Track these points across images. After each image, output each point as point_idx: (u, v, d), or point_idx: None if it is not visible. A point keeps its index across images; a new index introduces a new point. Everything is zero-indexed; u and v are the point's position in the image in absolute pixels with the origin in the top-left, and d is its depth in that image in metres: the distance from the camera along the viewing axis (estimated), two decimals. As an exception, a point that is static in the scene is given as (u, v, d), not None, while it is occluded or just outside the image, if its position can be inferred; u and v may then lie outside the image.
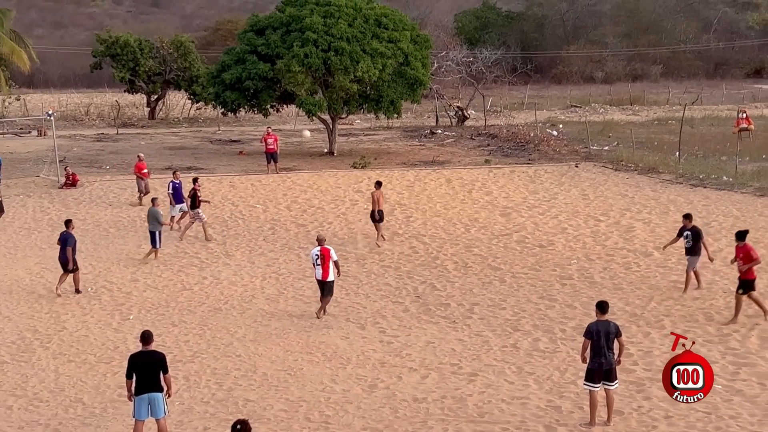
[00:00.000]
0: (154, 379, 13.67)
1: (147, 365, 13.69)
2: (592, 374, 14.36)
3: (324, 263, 20.29)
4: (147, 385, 13.66)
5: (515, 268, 24.19)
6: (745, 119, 49.59)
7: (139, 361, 13.75)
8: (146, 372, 13.67)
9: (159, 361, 13.74)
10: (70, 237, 22.67)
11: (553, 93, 79.78)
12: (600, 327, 14.32)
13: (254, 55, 43.21)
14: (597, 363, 14.28)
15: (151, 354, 13.83)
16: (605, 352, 14.27)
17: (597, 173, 38.96)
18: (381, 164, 41.83)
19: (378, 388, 16.32)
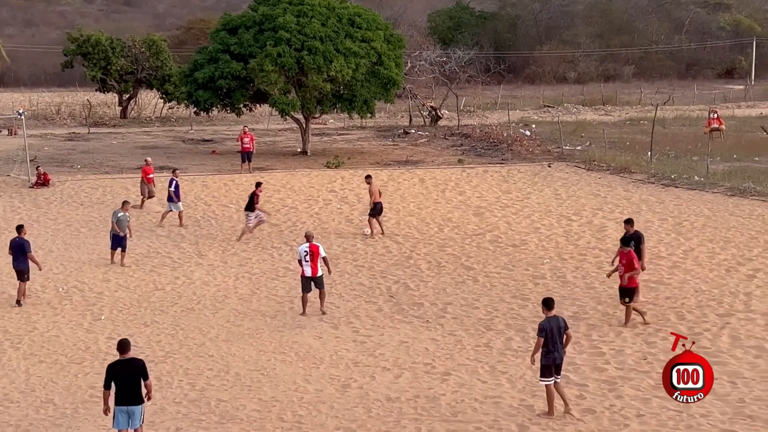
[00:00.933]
0: (135, 389, 13.17)
1: (128, 375, 13.16)
2: (548, 369, 14.77)
3: (313, 260, 20.48)
4: (128, 396, 13.15)
5: (488, 268, 24.24)
6: (716, 119, 49.98)
7: (119, 371, 13.20)
8: (127, 382, 13.14)
9: (139, 369, 13.23)
10: (27, 243, 21.67)
11: (526, 93, 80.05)
12: (552, 323, 14.77)
13: (227, 54, 43.04)
14: (551, 358, 14.72)
15: (130, 363, 13.29)
16: (558, 347, 14.76)
17: (570, 173, 39.11)
18: (354, 164, 41.80)
19: (351, 388, 16.30)
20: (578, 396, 15.70)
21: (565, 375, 16.63)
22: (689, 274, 22.96)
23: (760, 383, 15.96)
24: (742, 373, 16.46)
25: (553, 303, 15.09)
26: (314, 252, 20.53)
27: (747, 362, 17.00)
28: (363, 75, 43.58)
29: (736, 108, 68.35)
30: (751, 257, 24.26)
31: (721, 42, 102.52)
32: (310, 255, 20.49)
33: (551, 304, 15.02)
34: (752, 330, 18.70)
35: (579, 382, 16.32)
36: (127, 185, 36.45)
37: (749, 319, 19.33)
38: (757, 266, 23.33)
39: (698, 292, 21.38)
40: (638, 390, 15.86)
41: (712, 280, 22.32)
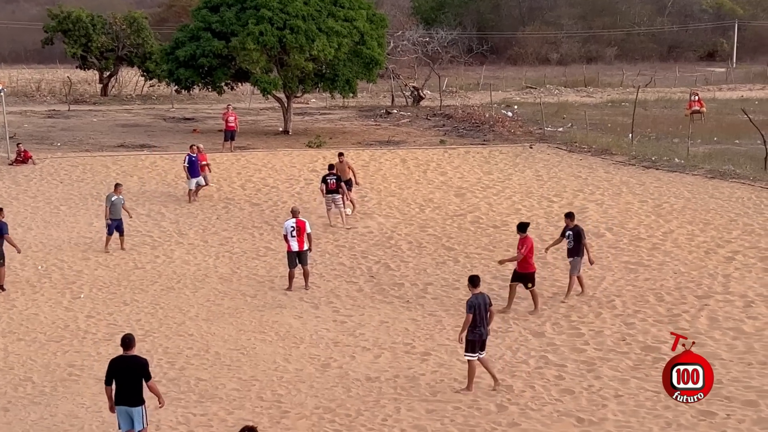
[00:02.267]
0: (134, 389, 12.51)
1: (127, 373, 12.51)
2: (473, 345, 15.07)
3: (300, 235, 20.77)
4: (126, 396, 12.55)
5: (469, 249, 24.27)
6: (697, 102, 50.12)
7: (118, 368, 12.56)
8: (126, 380, 12.51)
9: (140, 368, 12.53)
10: (5, 225, 21.02)
11: (509, 74, 79.99)
12: (479, 300, 15.05)
13: (208, 33, 42.79)
14: (477, 334, 15.04)
15: (131, 360, 12.60)
16: (484, 323, 15.09)
17: (551, 154, 39.17)
18: (336, 144, 41.70)
19: (331, 368, 16.33)
20: (557, 376, 15.78)
21: (544, 355, 16.74)
22: (669, 255, 23.07)
23: (737, 365, 16.07)
24: (720, 354, 16.57)
25: (479, 280, 15.44)
26: (301, 227, 20.82)
27: (725, 344, 17.11)
28: (345, 54, 43.45)
29: (717, 91, 68.54)
30: (730, 239, 24.38)
31: (703, 24, 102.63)
32: (297, 230, 20.76)
33: (477, 281, 15.31)
34: (730, 312, 18.82)
35: (558, 363, 16.40)
36: (107, 163, 36.28)
37: (727, 301, 19.46)
38: (736, 248, 23.46)
39: (677, 274, 21.49)
40: (616, 371, 15.95)
41: (691, 262, 22.43)
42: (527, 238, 19.14)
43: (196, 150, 30.27)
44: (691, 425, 13.71)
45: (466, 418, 14.18)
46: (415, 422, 14.05)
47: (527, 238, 19.13)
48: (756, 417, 13.88)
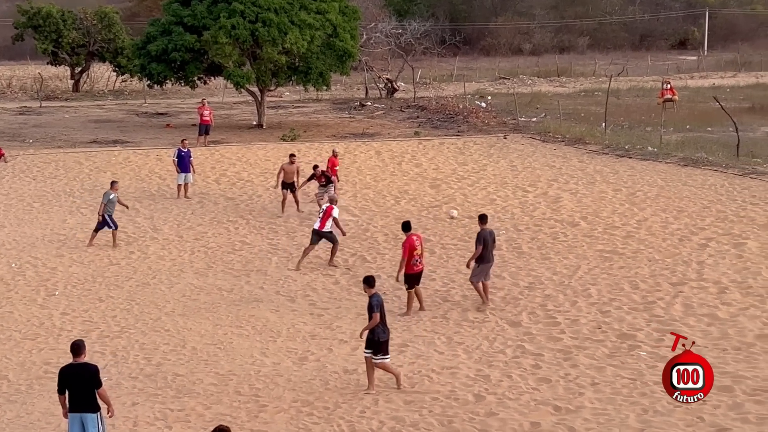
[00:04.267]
0: (86, 396, 12.18)
1: (78, 380, 12.18)
2: (387, 345, 14.90)
3: (324, 218, 22.08)
4: (78, 403, 12.21)
5: (445, 240, 24.31)
6: (669, 90, 50.41)
7: (69, 376, 12.26)
8: (78, 388, 12.17)
9: (91, 374, 12.19)
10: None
11: (482, 65, 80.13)
12: (380, 300, 14.85)
13: (180, 27, 42.60)
14: (387, 334, 14.89)
15: (81, 367, 12.25)
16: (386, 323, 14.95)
17: (525, 144, 39.27)
18: (311, 137, 41.66)
19: (308, 361, 16.32)
20: (534, 365, 15.84)
21: (521, 345, 16.79)
22: (643, 243, 23.19)
23: (712, 350, 16.17)
24: (695, 340, 16.66)
25: (374, 280, 15.13)
26: (328, 211, 22.19)
27: (699, 330, 17.22)
28: (318, 47, 43.38)
29: (689, 79, 68.94)
30: (703, 226, 24.54)
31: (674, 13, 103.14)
32: (324, 213, 22.22)
33: (373, 281, 15.03)
34: (704, 298, 18.94)
35: (534, 352, 16.46)
36: (80, 159, 36.05)
37: (702, 288, 19.58)
38: (710, 235, 23.62)
39: (652, 262, 21.61)
40: (593, 359, 16.03)
41: (665, 250, 22.55)
42: (408, 238, 18.78)
43: (187, 144, 30.19)
44: (668, 411, 13.79)
45: (444, 408, 14.20)
46: (393, 414, 14.06)
47: (407, 238, 18.79)
48: (731, 402, 13.99)
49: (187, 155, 29.73)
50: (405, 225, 19.26)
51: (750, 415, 13.42)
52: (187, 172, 29.75)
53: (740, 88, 61.01)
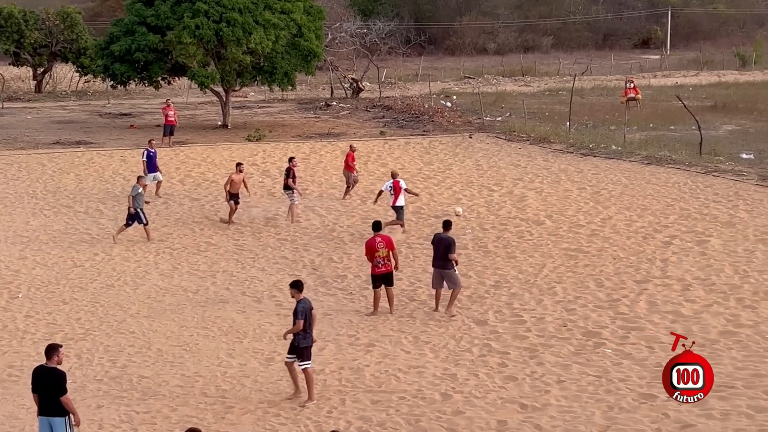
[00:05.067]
0: (52, 400, 12.13)
1: (46, 384, 12.18)
2: (309, 351, 14.71)
3: (396, 193, 24.47)
4: (47, 406, 12.18)
5: (411, 239, 24.33)
6: (632, 89, 50.77)
7: (39, 377, 12.27)
8: (45, 392, 12.17)
9: (55, 381, 12.11)
10: None
11: (447, 64, 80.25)
12: (307, 305, 14.72)
13: (143, 27, 42.32)
14: (311, 340, 14.69)
15: (51, 372, 12.21)
16: (312, 328, 14.77)
17: (490, 144, 39.40)
18: (276, 137, 41.54)
19: (275, 361, 16.27)
20: (500, 364, 15.90)
21: (487, 343, 16.84)
22: (607, 241, 23.34)
23: (676, 347, 16.31)
24: (660, 338, 16.81)
25: (302, 285, 15.00)
26: (396, 186, 24.48)
27: (664, 327, 17.36)
28: (283, 47, 43.27)
29: (652, 78, 69.45)
30: (667, 224, 24.75)
31: (637, 12, 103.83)
32: (394, 189, 24.43)
33: (301, 286, 14.91)
34: (669, 295, 19.10)
35: (501, 350, 16.52)
36: (43, 161, 35.72)
37: (666, 285, 19.74)
38: (673, 233, 23.82)
39: (616, 260, 21.76)
40: (558, 357, 16.11)
41: (629, 248, 22.72)
42: (370, 238, 18.87)
43: (155, 145, 30.03)
44: (633, 408, 13.90)
45: (411, 407, 14.22)
46: (360, 413, 14.06)
47: (369, 239, 18.89)
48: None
49: (154, 155, 29.55)
50: (374, 225, 19.28)
51: (714, 411, 13.54)
52: (156, 172, 29.61)
53: (702, 87, 61.57)
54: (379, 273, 18.66)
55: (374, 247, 18.62)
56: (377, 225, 19.22)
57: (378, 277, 18.69)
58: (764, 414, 13.57)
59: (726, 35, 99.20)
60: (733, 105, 50.57)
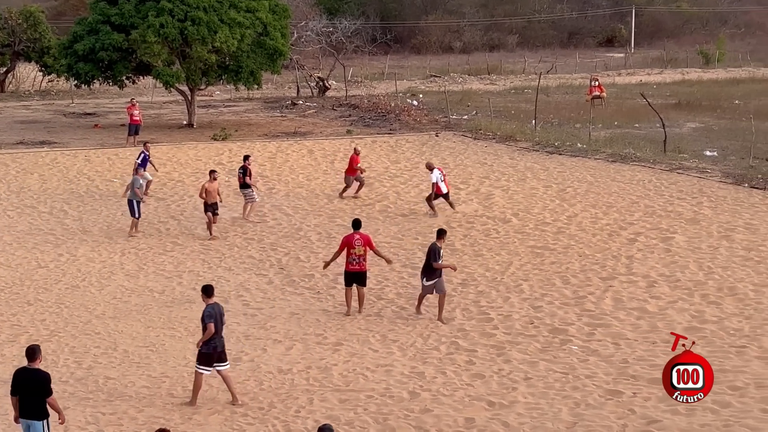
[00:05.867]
0: (35, 402, 12.10)
1: (28, 386, 12.13)
2: (209, 358, 14.38)
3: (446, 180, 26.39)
4: (27, 408, 12.13)
5: (378, 238, 24.29)
6: (597, 87, 51.03)
7: (21, 379, 12.18)
8: (27, 393, 12.12)
9: (40, 382, 12.09)
10: None
11: (413, 63, 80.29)
12: (216, 309, 14.50)
13: (107, 26, 41.98)
14: (212, 346, 14.37)
15: (33, 373, 12.16)
16: (221, 334, 14.51)
17: (457, 142, 39.49)
18: (242, 136, 41.38)
19: (242, 361, 16.22)
20: (468, 362, 15.94)
21: (455, 341, 16.89)
22: (573, 239, 23.47)
23: (642, 344, 16.46)
24: (625, 334, 16.95)
25: (212, 290, 14.78)
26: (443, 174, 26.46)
27: (629, 323, 17.50)
28: (248, 46, 43.11)
29: (616, 76, 69.89)
30: (632, 221, 24.93)
31: (601, 11, 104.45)
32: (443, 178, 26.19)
33: (211, 291, 14.69)
34: (634, 292, 19.25)
35: (468, 348, 16.57)
36: (6, 161, 35.35)
37: (631, 282, 19.89)
38: (638, 230, 24.00)
39: (582, 257, 21.89)
40: (526, 354, 16.18)
41: (595, 245, 22.87)
42: (348, 234, 18.87)
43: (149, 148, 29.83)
44: (599, 404, 14.00)
45: (379, 406, 14.23)
46: (328, 413, 14.05)
47: (347, 235, 18.88)
48: (661, 394, 14.18)
49: (148, 158, 29.27)
50: (353, 223, 19.26)
51: (680, 407, 13.64)
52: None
53: (666, 85, 62.06)
54: (352, 270, 18.65)
55: (351, 243, 18.64)
56: (357, 223, 19.20)
57: (351, 274, 18.67)
58: (729, 409, 13.72)
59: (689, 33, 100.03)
60: (696, 103, 51.02)
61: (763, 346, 16.06)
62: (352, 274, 18.70)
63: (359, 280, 18.76)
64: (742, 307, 18.18)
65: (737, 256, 21.45)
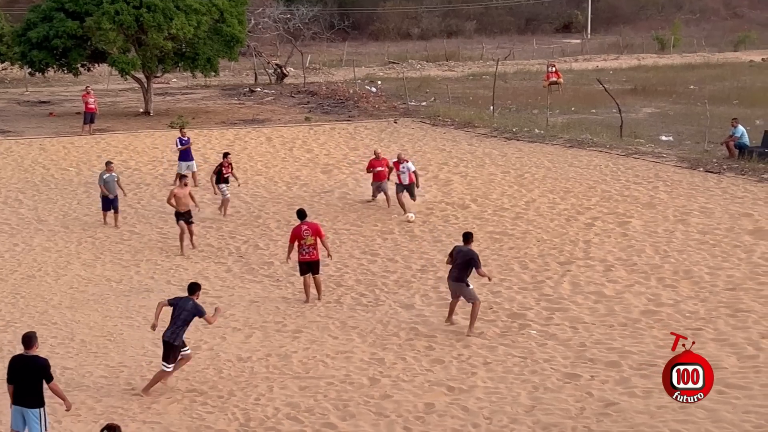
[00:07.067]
0: (31, 389, 12.02)
1: (24, 373, 12.04)
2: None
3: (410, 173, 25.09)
4: (22, 396, 12.07)
5: (337, 225, 24.31)
6: (554, 73, 51.34)
7: (17, 366, 12.13)
8: (23, 381, 12.05)
9: (39, 369, 12.04)
10: None
11: (371, 50, 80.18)
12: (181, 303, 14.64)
13: (62, 13, 41.53)
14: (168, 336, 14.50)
15: (30, 360, 12.12)
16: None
17: (415, 128, 39.51)
18: (200, 123, 41.11)
19: (201, 350, 16.15)
20: (427, 347, 15.99)
21: (414, 327, 16.92)
22: (531, 224, 23.60)
23: (599, 327, 16.60)
24: (583, 318, 17.08)
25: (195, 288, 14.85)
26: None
27: (587, 307, 17.64)
28: (205, 33, 42.85)
29: (573, 62, 70.24)
30: (589, 206, 25.10)
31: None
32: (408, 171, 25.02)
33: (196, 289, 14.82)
34: (591, 276, 19.40)
35: (428, 334, 16.60)
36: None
37: (588, 266, 20.04)
38: (595, 215, 24.17)
39: (540, 242, 22.02)
40: (485, 339, 16.25)
41: (553, 230, 23.01)
42: (296, 225, 18.83)
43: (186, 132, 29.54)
44: (557, 388, 14.10)
45: (339, 393, 14.24)
46: (288, 400, 14.03)
47: (295, 226, 18.84)
48: (618, 377, 14.37)
49: (187, 143, 28.96)
50: (298, 213, 19.21)
51: (636, 389, 13.80)
52: (190, 161, 29.05)
53: (623, 71, 62.47)
54: (304, 260, 18.63)
55: (300, 234, 18.57)
56: (302, 213, 19.15)
57: (304, 264, 18.65)
58: (685, 390, 13.86)
59: (645, 19, 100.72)
60: (652, 88, 51.42)
61: (719, 328, 16.26)
62: (305, 264, 18.67)
63: (313, 268, 18.72)
64: (698, 290, 18.38)
65: (693, 240, 21.67)
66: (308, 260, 18.63)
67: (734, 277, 18.95)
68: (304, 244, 18.54)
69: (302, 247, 18.56)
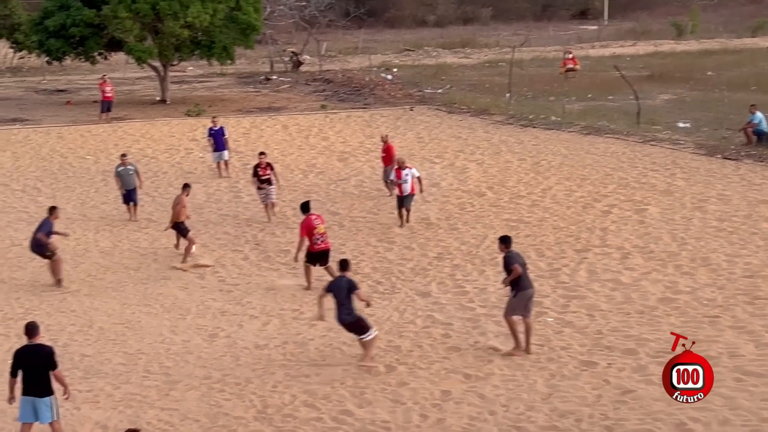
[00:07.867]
0: (39, 378, 12.04)
1: (31, 362, 12.06)
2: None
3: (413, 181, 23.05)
4: (30, 386, 12.06)
5: (354, 213, 24.34)
6: (571, 59, 51.06)
7: (23, 357, 12.15)
8: (30, 371, 12.05)
9: (45, 357, 12.07)
10: None
11: (387, 37, 80.00)
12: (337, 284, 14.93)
13: (78, 1, 41.65)
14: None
15: (35, 348, 12.16)
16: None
17: (431, 116, 39.45)
18: (216, 111, 41.07)
19: (219, 337, 16.23)
20: (444, 335, 16.01)
21: (431, 315, 16.95)
22: (548, 212, 23.56)
23: (616, 315, 16.58)
24: (600, 305, 17.06)
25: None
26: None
27: (604, 295, 17.62)
28: (221, 21, 42.84)
29: (590, 48, 69.81)
30: (606, 194, 25.04)
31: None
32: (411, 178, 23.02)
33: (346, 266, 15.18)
34: (608, 264, 19.37)
35: (444, 321, 16.63)
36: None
37: (605, 254, 20.01)
38: (612, 202, 24.12)
39: (557, 229, 21.99)
40: (501, 326, 16.22)
41: (569, 217, 22.97)
42: (306, 218, 18.72)
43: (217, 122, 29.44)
44: (574, 376, 14.10)
45: (356, 380, 14.29)
46: (305, 387, 14.09)
47: (305, 219, 18.72)
48: (635, 365, 14.36)
49: (219, 132, 28.93)
50: (303, 206, 19.11)
51: (653, 376, 13.78)
52: (223, 150, 28.96)
53: (639, 57, 62.09)
54: (318, 250, 18.59)
55: (312, 225, 18.55)
56: (307, 205, 19.04)
57: (317, 254, 18.60)
58: (702, 378, 13.84)
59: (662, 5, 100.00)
60: (669, 74, 51.10)
61: (736, 315, 16.22)
62: (318, 254, 18.61)
63: (324, 258, 18.68)
64: (715, 277, 18.33)
65: (710, 227, 21.60)
66: (323, 249, 18.64)
67: (752, 265, 18.88)
68: (317, 233, 18.55)
69: (315, 236, 18.53)
